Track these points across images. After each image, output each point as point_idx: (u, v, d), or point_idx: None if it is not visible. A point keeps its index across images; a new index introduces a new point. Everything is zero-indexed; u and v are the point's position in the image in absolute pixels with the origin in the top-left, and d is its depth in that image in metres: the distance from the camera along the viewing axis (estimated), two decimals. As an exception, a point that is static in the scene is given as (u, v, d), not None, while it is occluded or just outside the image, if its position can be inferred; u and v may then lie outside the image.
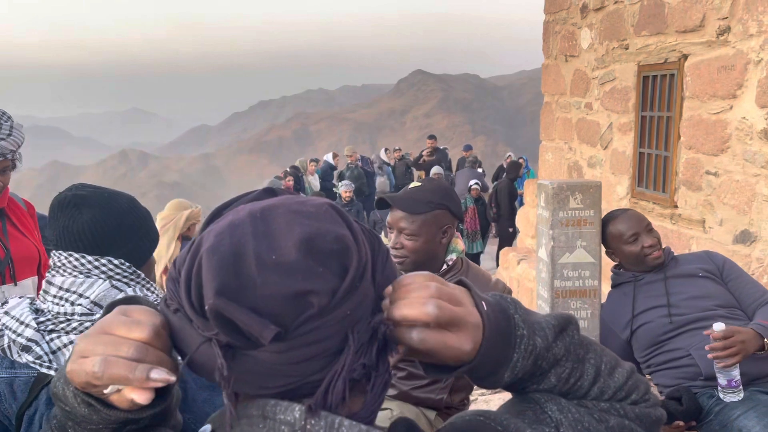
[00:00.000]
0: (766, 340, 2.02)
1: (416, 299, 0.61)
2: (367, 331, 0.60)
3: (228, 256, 0.58)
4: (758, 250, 3.68)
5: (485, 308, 0.65)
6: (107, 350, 0.60)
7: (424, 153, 12.52)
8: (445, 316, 0.61)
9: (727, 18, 3.84)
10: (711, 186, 4.09)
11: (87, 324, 1.25)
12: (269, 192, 0.68)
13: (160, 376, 0.59)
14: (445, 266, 2.06)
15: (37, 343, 1.23)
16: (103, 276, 1.31)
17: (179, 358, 0.64)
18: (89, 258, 1.30)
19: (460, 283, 0.69)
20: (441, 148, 13.23)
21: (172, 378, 0.60)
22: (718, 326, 2.03)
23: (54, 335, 1.25)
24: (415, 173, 12.19)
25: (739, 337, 1.98)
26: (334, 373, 0.58)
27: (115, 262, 1.32)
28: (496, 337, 0.65)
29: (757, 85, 3.61)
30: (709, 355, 2.00)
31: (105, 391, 0.61)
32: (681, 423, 2.12)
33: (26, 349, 1.23)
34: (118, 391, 0.61)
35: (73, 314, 1.26)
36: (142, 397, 0.60)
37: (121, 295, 1.30)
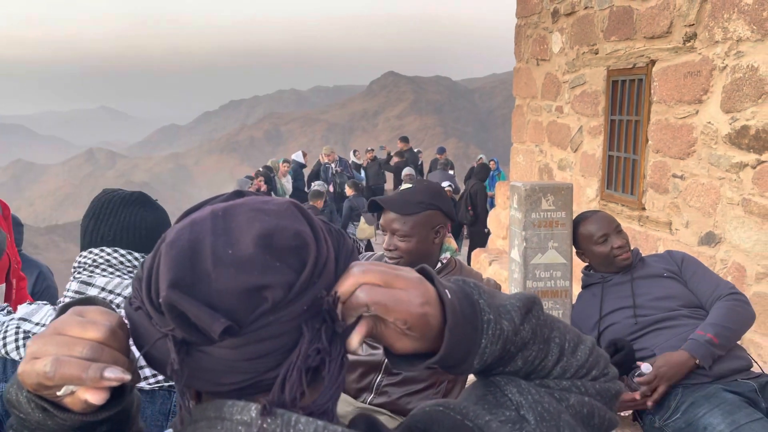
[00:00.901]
0: (697, 360, 2.11)
1: (347, 275, 0.62)
2: (319, 319, 0.60)
3: (185, 250, 0.58)
4: (722, 252, 3.78)
5: (449, 296, 0.64)
6: (60, 350, 0.58)
7: (393, 155, 12.58)
8: (375, 271, 0.62)
9: (693, 25, 3.93)
10: (677, 189, 4.18)
11: None
12: (238, 194, 0.68)
13: (115, 375, 0.58)
14: (439, 264, 2.08)
15: None
16: None
17: (137, 354, 0.63)
18: (136, 255, 1.30)
19: (422, 270, 0.68)
20: (414, 150, 13.30)
21: (127, 377, 0.58)
22: (646, 368, 2.15)
23: None
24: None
25: (662, 374, 2.11)
26: (290, 363, 0.58)
27: None
28: (463, 325, 0.64)
29: (722, 90, 3.71)
30: (643, 399, 2.15)
31: (58, 393, 0.59)
32: (635, 396, 2.19)
33: None
34: (72, 393, 0.59)
35: None
36: (96, 398, 0.58)
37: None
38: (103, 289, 1.25)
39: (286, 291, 0.58)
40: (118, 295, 1.25)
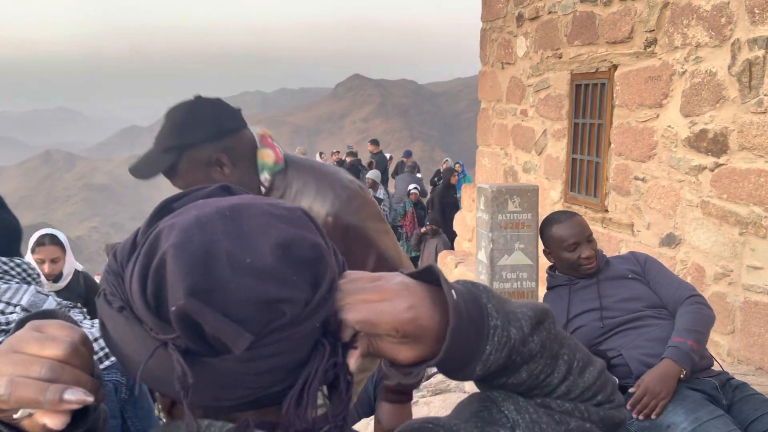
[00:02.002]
0: (683, 370, 2.07)
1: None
2: (331, 333, 0.59)
3: (199, 254, 0.54)
4: (682, 252, 3.86)
5: (454, 297, 0.61)
6: (16, 370, 0.53)
7: (345, 158, 12.62)
8: (352, 291, 0.60)
9: (654, 31, 4.02)
10: (639, 191, 4.26)
11: None
12: (225, 190, 0.65)
13: (76, 397, 0.53)
14: (262, 189, 1.64)
15: None
16: (18, 278, 1.27)
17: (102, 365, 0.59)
18: (4, 259, 1.27)
19: (429, 270, 0.65)
20: (386, 155, 13.34)
21: (89, 399, 0.53)
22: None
23: None
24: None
25: (651, 388, 2.05)
26: (308, 376, 0.56)
27: (27, 261, 1.32)
28: (467, 328, 0.61)
29: (682, 95, 3.80)
30: (641, 416, 2.06)
31: (14, 416, 0.54)
32: None
33: None
34: (30, 415, 0.54)
35: (8, 324, 1.18)
36: (55, 422, 0.53)
37: (47, 304, 1.26)
38: None
39: (303, 307, 0.56)
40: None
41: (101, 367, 1.24)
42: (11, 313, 1.18)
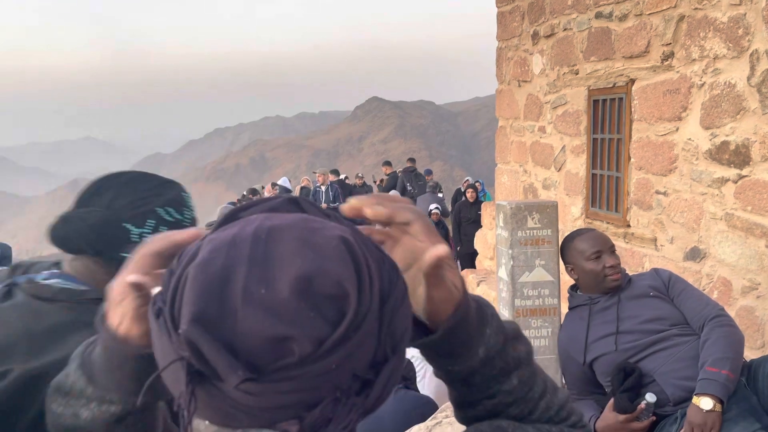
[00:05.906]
0: (722, 399, 2.01)
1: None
2: (348, 384, 0.55)
3: (215, 279, 0.54)
4: (708, 266, 3.80)
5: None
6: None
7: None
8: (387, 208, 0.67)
9: (670, 44, 4.01)
10: (661, 205, 4.21)
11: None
12: (293, 203, 0.62)
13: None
14: None
15: None
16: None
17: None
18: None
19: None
20: (397, 173, 13.41)
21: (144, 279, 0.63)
22: (651, 396, 2.14)
23: None
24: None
25: (697, 423, 1.99)
26: (315, 419, 0.55)
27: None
28: (469, 305, 0.67)
29: (701, 107, 3.76)
30: None
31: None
32: (644, 425, 2.15)
33: None
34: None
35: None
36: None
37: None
38: None
39: (316, 345, 0.53)
40: None
41: None
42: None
